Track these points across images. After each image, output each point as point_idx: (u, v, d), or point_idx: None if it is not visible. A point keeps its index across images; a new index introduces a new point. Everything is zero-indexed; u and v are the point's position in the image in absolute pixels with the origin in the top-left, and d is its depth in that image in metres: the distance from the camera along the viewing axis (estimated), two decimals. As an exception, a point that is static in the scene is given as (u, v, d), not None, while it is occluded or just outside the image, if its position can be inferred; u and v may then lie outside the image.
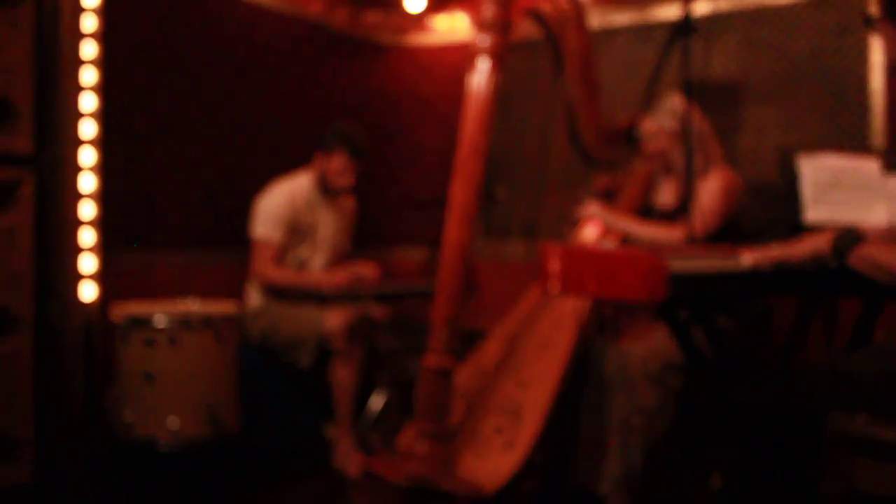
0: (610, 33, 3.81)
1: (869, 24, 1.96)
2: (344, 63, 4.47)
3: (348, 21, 4.49)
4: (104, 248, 3.06)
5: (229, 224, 3.66)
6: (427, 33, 4.55)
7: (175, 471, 2.91)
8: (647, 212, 3.02)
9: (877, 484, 1.63)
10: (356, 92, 4.55)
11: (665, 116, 2.82)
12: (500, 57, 2.48)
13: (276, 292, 3.47)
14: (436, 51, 4.49)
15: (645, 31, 3.72)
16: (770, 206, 3.36)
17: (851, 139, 3.20)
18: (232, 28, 3.82)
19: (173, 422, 2.77)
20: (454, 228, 2.43)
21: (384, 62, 4.61)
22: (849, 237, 1.77)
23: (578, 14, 2.73)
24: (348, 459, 3.12)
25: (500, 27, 2.46)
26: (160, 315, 2.83)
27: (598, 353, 2.58)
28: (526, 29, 2.78)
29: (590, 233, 3.03)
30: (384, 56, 4.61)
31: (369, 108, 4.59)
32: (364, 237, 4.50)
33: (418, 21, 4.54)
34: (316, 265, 3.59)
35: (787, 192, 2.59)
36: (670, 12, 3.63)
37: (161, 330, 2.81)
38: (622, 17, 3.78)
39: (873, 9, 1.96)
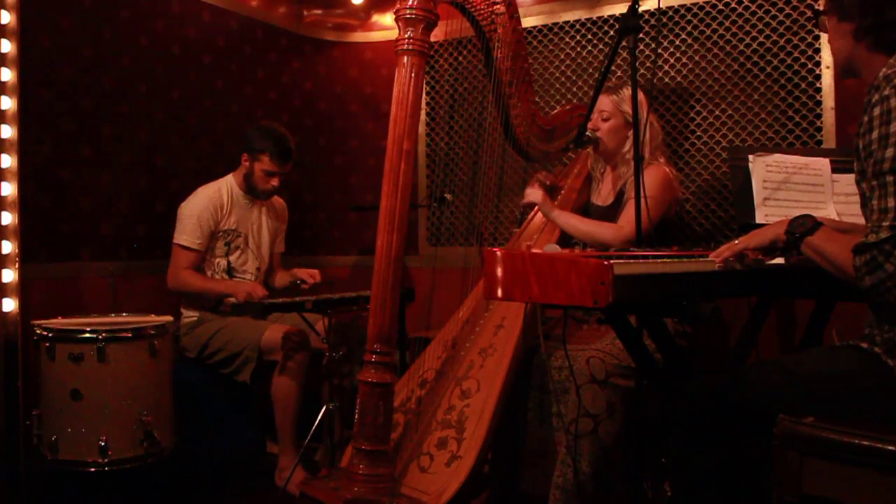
0: (558, 29, 3.85)
1: (817, 17, 2.00)
2: (284, 60, 4.44)
3: (289, 16, 4.46)
4: (24, 259, 2.99)
5: (163, 232, 3.60)
6: (370, 29, 4.54)
7: (105, 494, 2.84)
8: (585, 210, 3.06)
9: (826, 485, 1.66)
10: (298, 91, 4.51)
11: (625, 100, 2.86)
12: (425, 54, 2.47)
13: (210, 303, 3.43)
14: (380, 47, 4.47)
15: (593, 27, 3.76)
16: (721, 206, 3.42)
17: (803, 138, 3.27)
18: (164, 23, 3.76)
19: (103, 441, 2.70)
20: (383, 235, 2.42)
21: (327, 59, 4.58)
22: (803, 224, 1.82)
23: (507, 4, 2.74)
24: (290, 477, 3.08)
25: (423, 22, 2.45)
26: (87, 328, 2.76)
27: (543, 359, 2.59)
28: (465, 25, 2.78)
29: (535, 229, 3.05)
30: (327, 53, 4.58)
31: (312, 107, 4.56)
32: (307, 244, 4.48)
33: (362, 16, 4.52)
34: (249, 270, 3.55)
35: (738, 193, 2.64)
36: (619, 8, 3.68)
37: (89, 344, 2.73)
38: (570, 13, 3.81)
39: (821, 4, 2.00)
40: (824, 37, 3.13)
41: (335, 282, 3.85)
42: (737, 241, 1.91)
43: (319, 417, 2.94)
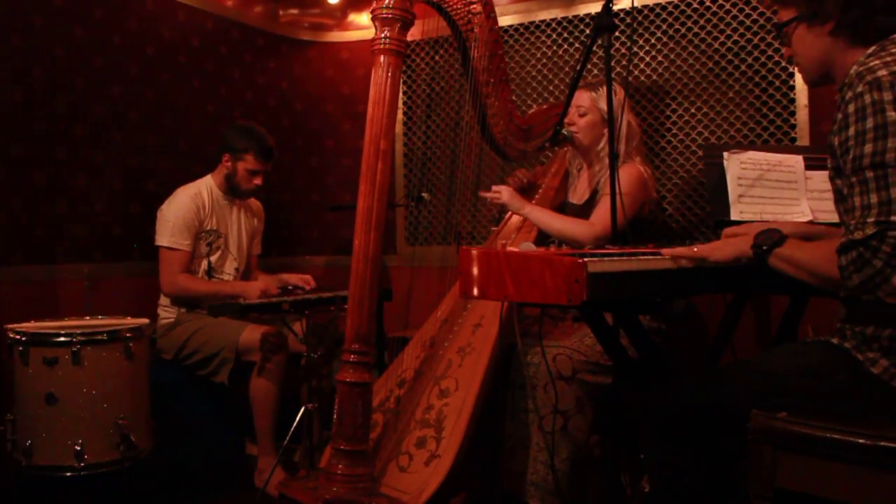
0: (534, 28, 3.86)
1: (778, 31, 2.00)
2: (260, 60, 4.42)
3: (264, 16, 4.44)
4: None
5: (139, 234, 3.57)
6: (346, 29, 4.53)
7: (82, 499, 2.82)
8: (562, 209, 3.07)
9: (799, 479, 1.68)
10: (274, 91, 4.50)
11: (602, 97, 2.88)
12: (401, 54, 2.47)
13: (189, 303, 3.41)
14: (356, 47, 4.47)
15: (569, 26, 3.78)
16: (697, 203, 3.45)
17: (777, 135, 3.30)
18: (138, 22, 3.73)
19: (79, 446, 2.68)
20: (360, 235, 2.42)
21: (302, 59, 4.57)
22: (770, 238, 1.82)
23: (484, 4, 2.75)
24: (269, 479, 3.08)
25: (399, 21, 2.45)
26: (62, 331, 2.73)
27: (521, 357, 2.60)
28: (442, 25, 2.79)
29: (511, 228, 3.06)
30: (302, 53, 4.57)
31: (289, 107, 4.55)
32: (285, 244, 4.47)
33: (338, 16, 4.51)
34: (228, 271, 3.54)
35: (713, 190, 2.66)
36: (594, 7, 3.70)
37: (63, 347, 2.70)
38: (546, 12, 3.83)
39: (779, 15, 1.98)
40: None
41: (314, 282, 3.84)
42: (695, 249, 1.90)
43: (298, 418, 2.93)
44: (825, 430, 1.63)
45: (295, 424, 2.95)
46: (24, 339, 2.72)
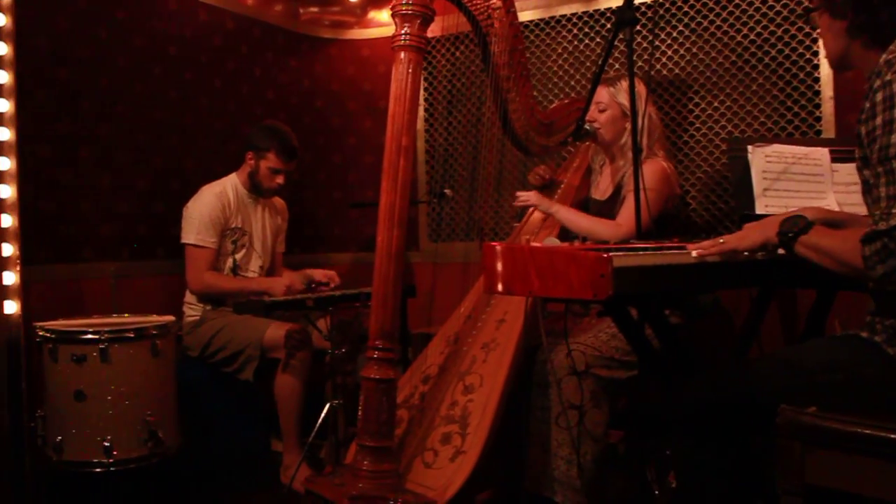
0: (554, 23, 3.85)
1: (807, 14, 1.99)
2: (281, 59, 4.44)
3: (285, 14, 4.46)
4: (24, 261, 3.00)
5: (164, 232, 3.60)
6: (367, 26, 4.54)
7: (111, 494, 2.86)
8: (584, 205, 3.07)
9: (828, 475, 1.66)
10: (296, 89, 4.52)
11: (621, 91, 2.87)
12: (422, 50, 2.47)
13: (214, 301, 3.44)
14: (377, 44, 4.48)
15: (590, 21, 3.76)
16: (721, 198, 3.43)
17: (802, 128, 3.27)
18: (161, 23, 3.76)
19: (108, 442, 2.71)
20: (383, 231, 2.42)
21: (324, 57, 4.59)
22: (796, 224, 1.79)
23: None
24: (295, 475, 3.09)
25: (420, 17, 2.45)
26: (90, 329, 2.77)
27: (545, 353, 2.60)
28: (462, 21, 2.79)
29: (535, 224, 3.06)
30: (323, 51, 4.59)
31: (310, 105, 4.56)
32: (308, 241, 4.49)
33: (358, 13, 4.52)
34: (253, 269, 3.57)
35: (738, 184, 2.64)
36: (615, 1, 3.68)
37: (91, 345, 2.74)
38: (567, 7, 3.81)
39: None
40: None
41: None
42: (722, 240, 1.87)
43: (323, 415, 2.95)
44: (855, 424, 1.61)
45: (320, 421, 2.96)
46: (53, 336, 2.76)
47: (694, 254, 1.84)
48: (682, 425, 1.90)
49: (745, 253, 1.86)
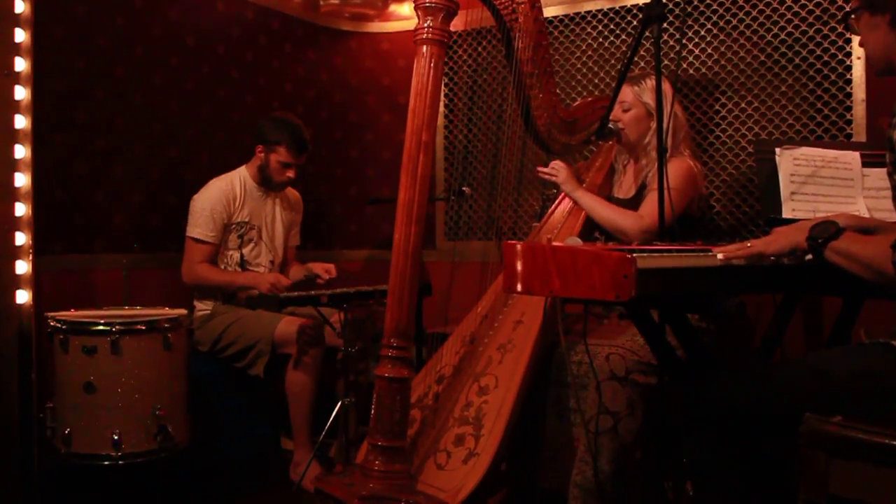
0: (579, 19, 3.84)
1: (845, 20, 1.97)
2: (300, 51, 4.45)
3: (305, 6, 4.47)
4: (37, 251, 3.02)
5: (177, 224, 3.62)
6: (388, 19, 4.54)
7: (119, 487, 2.88)
8: None
9: (853, 487, 1.65)
10: (314, 82, 4.53)
11: (646, 91, 2.86)
12: (444, 44, 2.47)
13: (224, 295, 3.45)
14: (397, 38, 4.48)
15: (616, 17, 3.75)
16: (747, 201, 3.41)
17: (832, 131, 3.24)
18: (179, 12, 3.78)
19: (116, 435, 2.72)
20: (401, 228, 2.42)
21: (343, 50, 4.60)
22: (826, 230, 1.78)
23: None
24: (305, 473, 3.10)
25: (443, 11, 2.45)
26: (101, 320, 2.79)
27: (563, 354, 2.59)
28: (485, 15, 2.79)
29: (555, 223, 3.05)
30: (343, 43, 4.60)
31: (328, 99, 4.57)
32: (323, 237, 4.50)
33: (379, 6, 4.53)
34: (263, 263, 3.58)
35: (764, 187, 2.63)
36: (642, -2, 3.67)
37: (102, 336, 2.75)
38: (593, 3, 3.80)
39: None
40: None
41: (351, 276, 3.87)
42: (749, 244, 1.87)
43: (335, 413, 2.95)
44: (883, 435, 1.60)
45: (331, 419, 2.97)
46: (64, 327, 2.78)
47: (720, 256, 1.83)
48: (700, 431, 1.89)
49: (772, 258, 1.85)
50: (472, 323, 2.89)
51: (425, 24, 2.46)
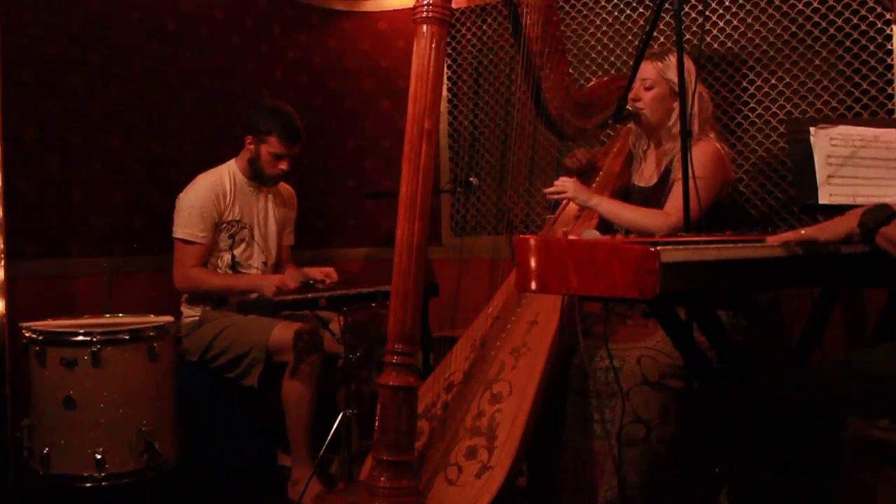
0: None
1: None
2: (290, 33, 4.44)
3: (294, -16, 4.47)
4: (9, 255, 3.02)
5: (161, 225, 3.61)
6: (385, -3, 4.54)
7: (102, 510, 2.88)
8: (626, 193, 3.03)
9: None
10: (306, 67, 4.52)
11: (670, 67, 2.83)
12: (446, 23, 2.44)
13: (214, 300, 3.45)
14: (395, 17, 4.47)
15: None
16: (779, 186, 3.39)
17: (871, 107, 3.22)
18: (157, -5, 3.78)
19: (99, 454, 2.72)
20: (403, 224, 2.41)
21: (337, 31, 4.59)
22: (880, 214, 1.79)
23: None
24: (305, 491, 3.10)
25: None
26: (80, 330, 2.78)
27: (584, 359, 2.58)
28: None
29: (570, 215, 3.04)
30: (336, 24, 4.59)
31: (321, 85, 4.57)
32: (319, 235, 4.49)
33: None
34: (255, 265, 3.57)
35: (798, 170, 2.61)
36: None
37: (82, 348, 2.75)
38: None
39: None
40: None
41: (350, 276, 3.86)
42: (803, 231, 1.88)
43: (335, 426, 2.94)
44: (935, 440, 1.58)
45: (332, 432, 2.96)
46: (40, 338, 2.78)
47: (773, 242, 1.85)
48: (735, 439, 1.88)
49: (830, 245, 1.85)
50: (483, 325, 2.88)
51: (425, 1, 2.44)
